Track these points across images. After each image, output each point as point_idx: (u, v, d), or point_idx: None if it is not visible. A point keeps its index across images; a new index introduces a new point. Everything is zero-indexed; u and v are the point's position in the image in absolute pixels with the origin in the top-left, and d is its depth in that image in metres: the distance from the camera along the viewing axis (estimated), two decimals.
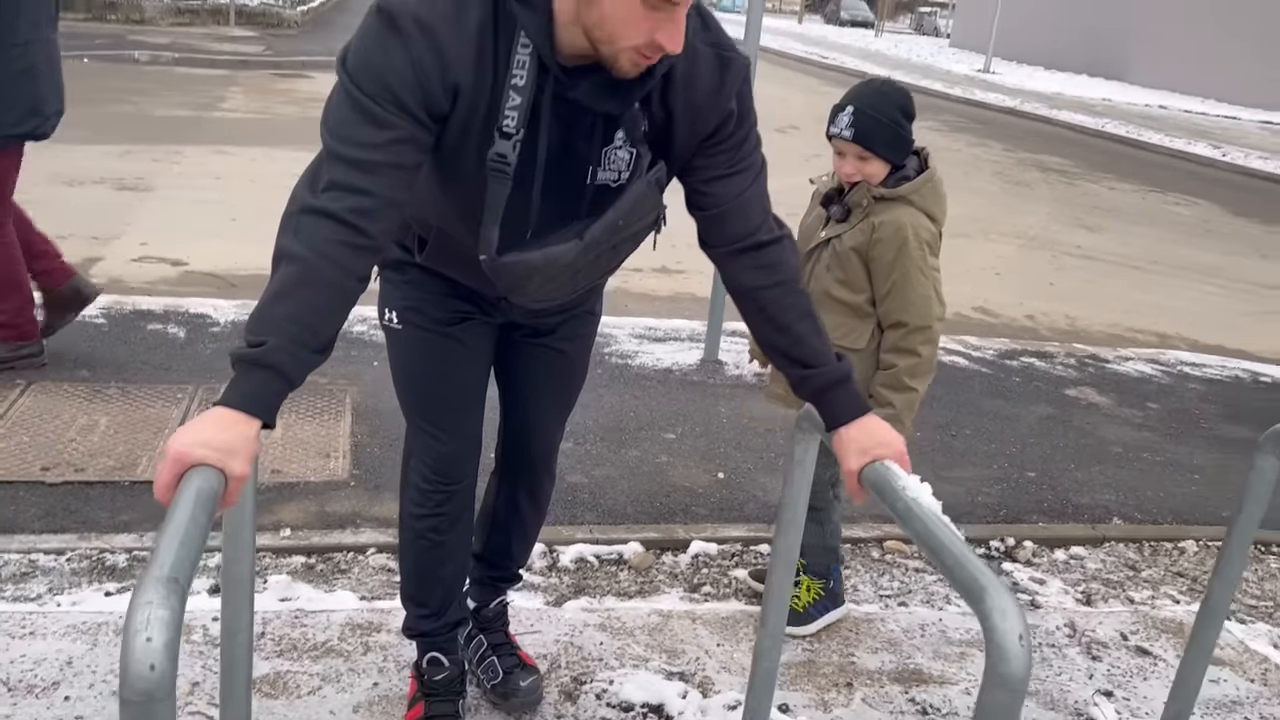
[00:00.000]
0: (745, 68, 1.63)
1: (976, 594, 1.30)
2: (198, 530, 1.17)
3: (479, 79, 1.49)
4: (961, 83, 21.23)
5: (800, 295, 1.70)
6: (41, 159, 7.18)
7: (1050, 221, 9.24)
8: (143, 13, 16.20)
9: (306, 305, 1.38)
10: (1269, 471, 2.11)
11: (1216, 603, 2.18)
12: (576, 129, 1.58)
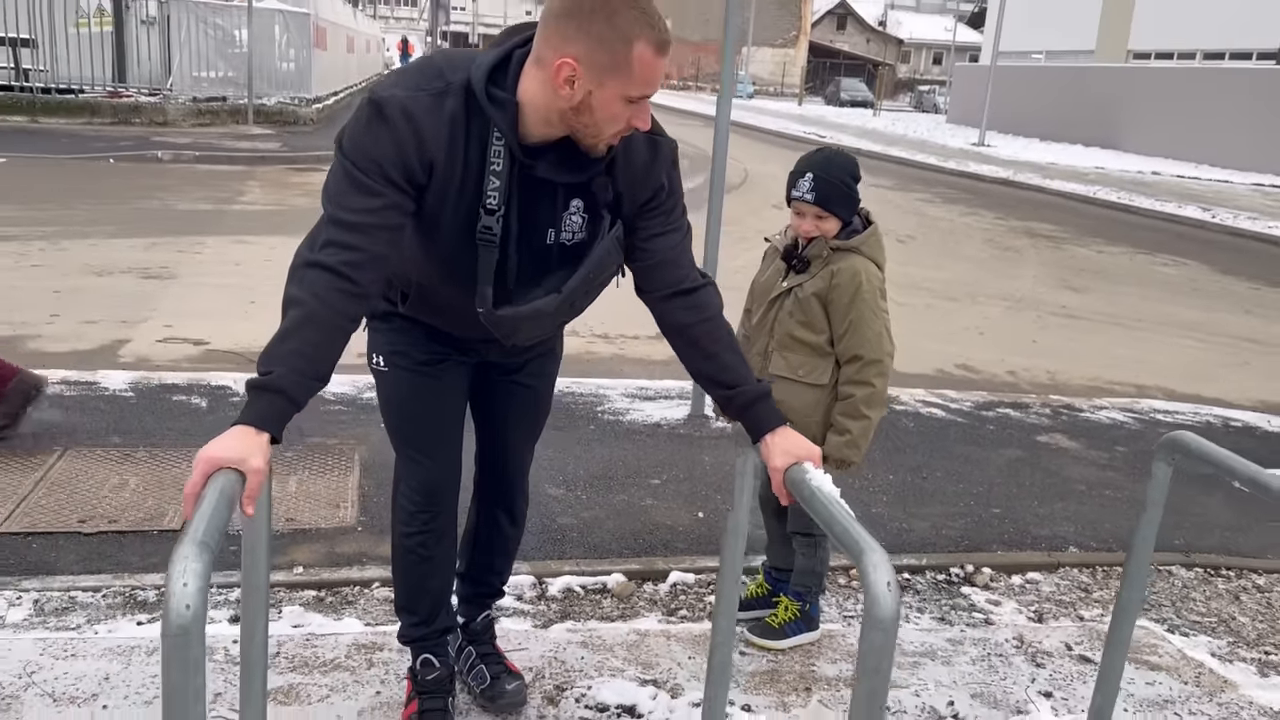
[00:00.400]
0: (673, 149, 1.99)
1: (857, 552, 1.60)
2: (223, 510, 1.48)
3: (450, 158, 1.83)
4: (956, 156, 21.83)
5: (723, 329, 2.02)
6: (73, 252, 7.68)
7: (1036, 284, 9.56)
8: (165, 115, 16.96)
9: (308, 342, 1.69)
10: (1163, 477, 2.38)
11: (1128, 601, 2.43)
12: (542, 200, 1.92)
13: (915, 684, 2.73)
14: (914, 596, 3.31)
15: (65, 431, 4.14)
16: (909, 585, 3.38)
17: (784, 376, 2.72)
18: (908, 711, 2.60)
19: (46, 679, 2.44)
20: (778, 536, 2.96)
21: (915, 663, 2.83)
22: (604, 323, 6.50)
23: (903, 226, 12.55)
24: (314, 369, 1.70)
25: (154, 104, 17.12)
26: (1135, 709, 2.69)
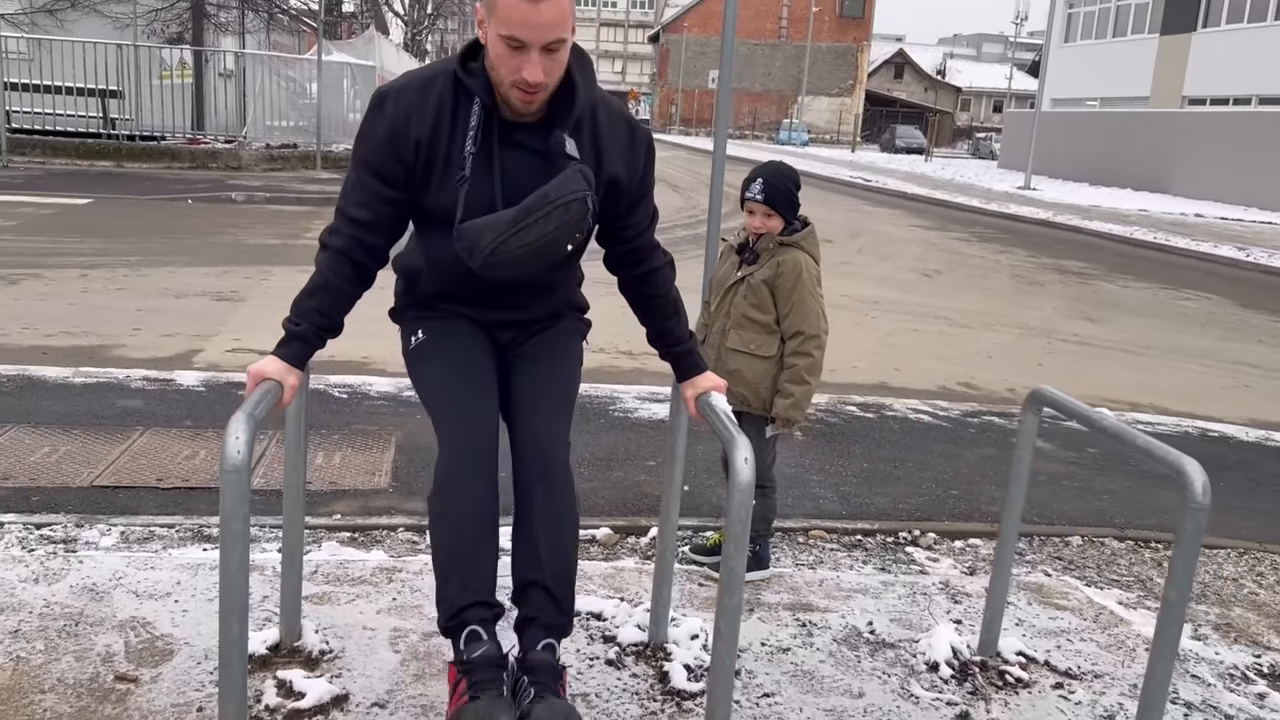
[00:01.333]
0: (648, 137, 2.41)
1: (730, 444, 2.14)
2: (267, 400, 2.10)
3: (437, 131, 2.23)
4: (1000, 199, 22.18)
5: (674, 301, 2.52)
6: (153, 278, 8.50)
7: (1054, 315, 9.93)
8: (240, 160, 18.10)
9: (323, 304, 2.27)
10: (1030, 426, 2.88)
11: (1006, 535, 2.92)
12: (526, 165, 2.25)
13: (844, 610, 3.21)
14: (861, 553, 3.80)
15: (146, 415, 4.82)
16: (859, 545, 3.87)
17: (739, 350, 3.28)
18: (832, 628, 3.09)
19: (130, 583, 3.05)
20: None
21: (848, 596, 3.32)
22: (629, 340, 7.07)
23: (932, 262, 13.00)
24: (328, 323, 2.28)
25: (229, 150, 18.29)
26: (1034, 636, 3.15)
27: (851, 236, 15.25)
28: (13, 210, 11.76)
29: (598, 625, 2.96)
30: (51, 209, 12.20)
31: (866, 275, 11.48)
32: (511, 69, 2.09)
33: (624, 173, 2.32)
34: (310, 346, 2.26)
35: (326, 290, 2.27)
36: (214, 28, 19.56)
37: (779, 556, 3.66)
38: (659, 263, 2.50)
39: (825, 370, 7.16)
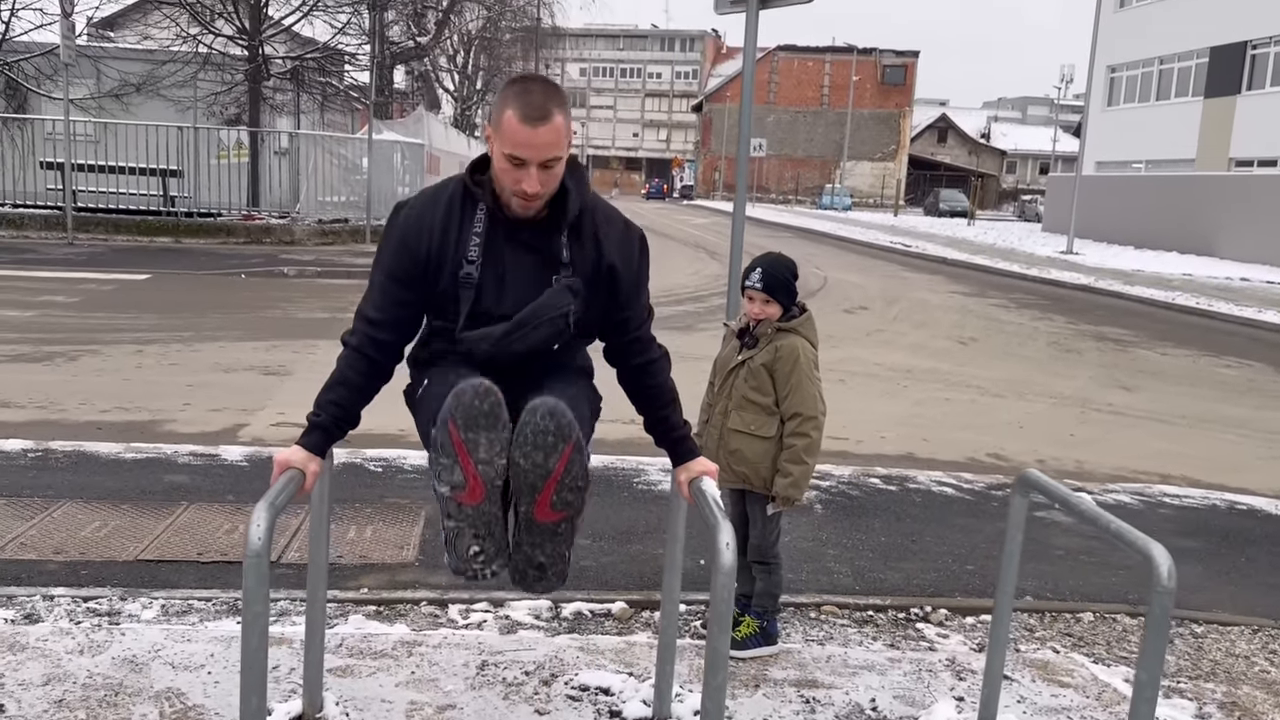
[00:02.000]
0: (642, 235, 2.61)
1: (714, 528, 2.28)
2: (289, 489, 2.29)
3: (445, 236, 2.45)
4: (1041, 264, 22.15)
5: (668, 392, 2.69)
6: (205, 353, 8.86)
7: (1089, 384, 9.92)
8: (293, 235, 18.73)
9: (342, 398, 2.47)
10: (1020, 508, 2.98)
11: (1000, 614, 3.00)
12: (525, 260, 2.46)
13: (848, 687, 3.30)
14: (872, 628, 3.88)
15: (191, 490, 5.06)
16: (870, 620, 3.95)
17: (740, 431, 3.43)
18: (835, 705, 3.18)
19: (168, 655, 3.24)
20: (741, 565, 3.60)
21: (854, 672, 3.41)
22: None
23: (969, 330, 13.04)
24: (345, 414, 2.49)
25: (283, 225, 18.94)
26: (1034, 714, 3.21)
27: (888, 303, 15.35)
28: (76, 286, 12.31)
29: (604, 700, 3.08)
30: (111, 284, 12.74)
31: (901, 343, 11.56)
32: (513, 180, 2.34)
33: (621, 264, 2.52)
34: (330, 436, 2.47)
35: (344, 385, 2.48)
36: (270, 109, 20.38)
37: (789, 632, 3.76)
38: (656, 354, 2.66)
39: (852, 441, 7.30)
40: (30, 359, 8.22)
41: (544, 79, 2.44)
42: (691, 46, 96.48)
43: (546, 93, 2.34)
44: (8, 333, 9.20)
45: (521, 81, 2.39)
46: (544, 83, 2.40)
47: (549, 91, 2.35)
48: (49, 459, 5.41)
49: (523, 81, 2.39)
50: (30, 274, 13.37)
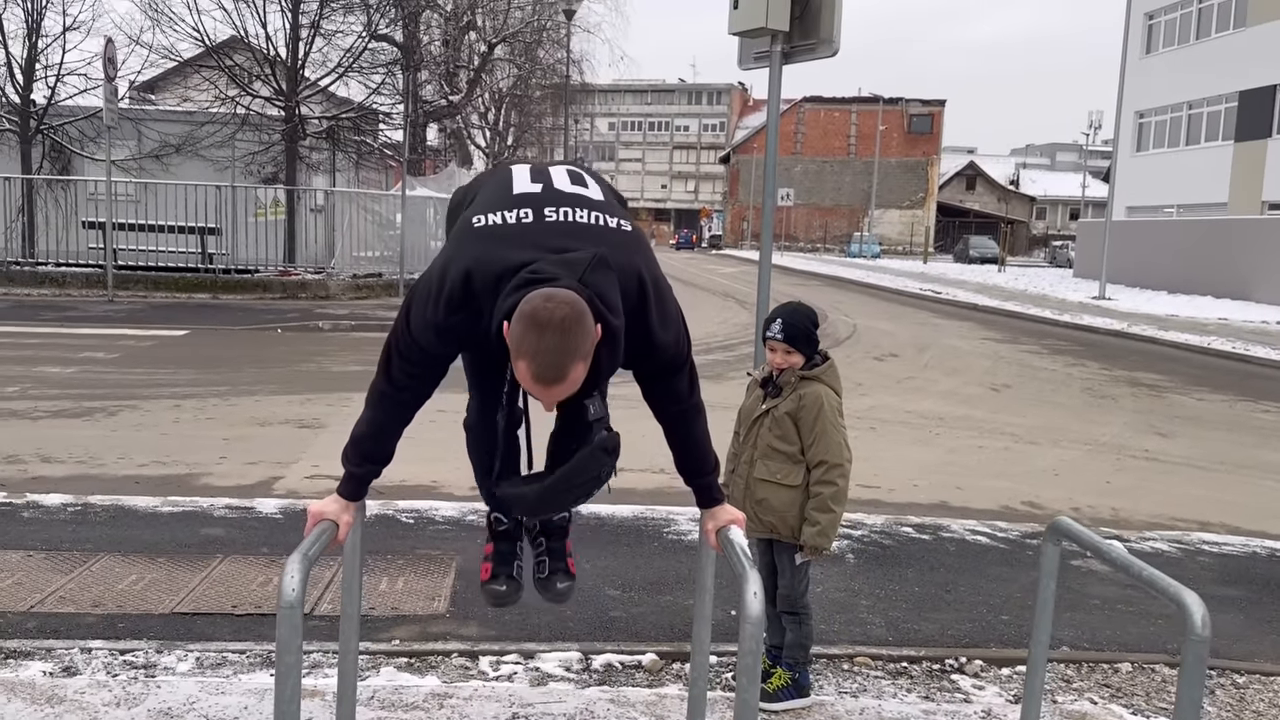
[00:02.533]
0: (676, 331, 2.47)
1: (741, 578, 2.29)
2: (323, 540, 2.33)
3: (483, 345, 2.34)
4: (1073, 309, 22.01)
5: (696, 438, 2.68)
6: (241, 407, 8.98)
7: (1125, 430, 9.81)
8: (328, 290, 19.02)
9: (370, 448, 2.52)
10: (1051, 555, 2.96)
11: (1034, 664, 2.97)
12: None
13: None
14: (906, 680, 3.84)
15: (226, 543, 5.12)
16: (904, 672, 3.90)
17: (766, 480, 3.44)
18: None
19: (203, 707, 3.27)
20: (771, 616, 3.59)
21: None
22: None
23: (1001, 376, 12.96)
24: (378, 456, 2.55)
25: (318, 280, 19.24)
26: None
27: (919, 350, 15.29)
28: (116, 343, 12.55)
29: None
30: (150, 340, 12.98)
31: (932, 390, 11.50)
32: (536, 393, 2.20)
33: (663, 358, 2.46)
34: (364, 483, 2.54)
35: (372, 437, 2.53)
36: (306, 167, 20.81)
37: (822, 685, 3.73)
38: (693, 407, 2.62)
39: (884, 489, 7.25)
40: (71, 414, 8.37)
41: (562, 326, 2.08)
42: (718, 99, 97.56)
43: (561, 349, 2.08)
44: (49, 389, 9.39)
45: (537, 331, 2.08)
46: (560, 334, 2.08)
47: (564, 347, 2.09)
48: (88, 513, 5.50)
49: (538, 332, 2.08)
50: (72, 331, 13.66)
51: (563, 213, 2.33)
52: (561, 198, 2.38)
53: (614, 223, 2.37)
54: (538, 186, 2.41)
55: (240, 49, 19.90)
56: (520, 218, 2.31)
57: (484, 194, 2.49)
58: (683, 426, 2.62)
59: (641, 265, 2.34)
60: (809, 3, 5.02)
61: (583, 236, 2.29)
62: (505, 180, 2.50)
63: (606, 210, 2.40)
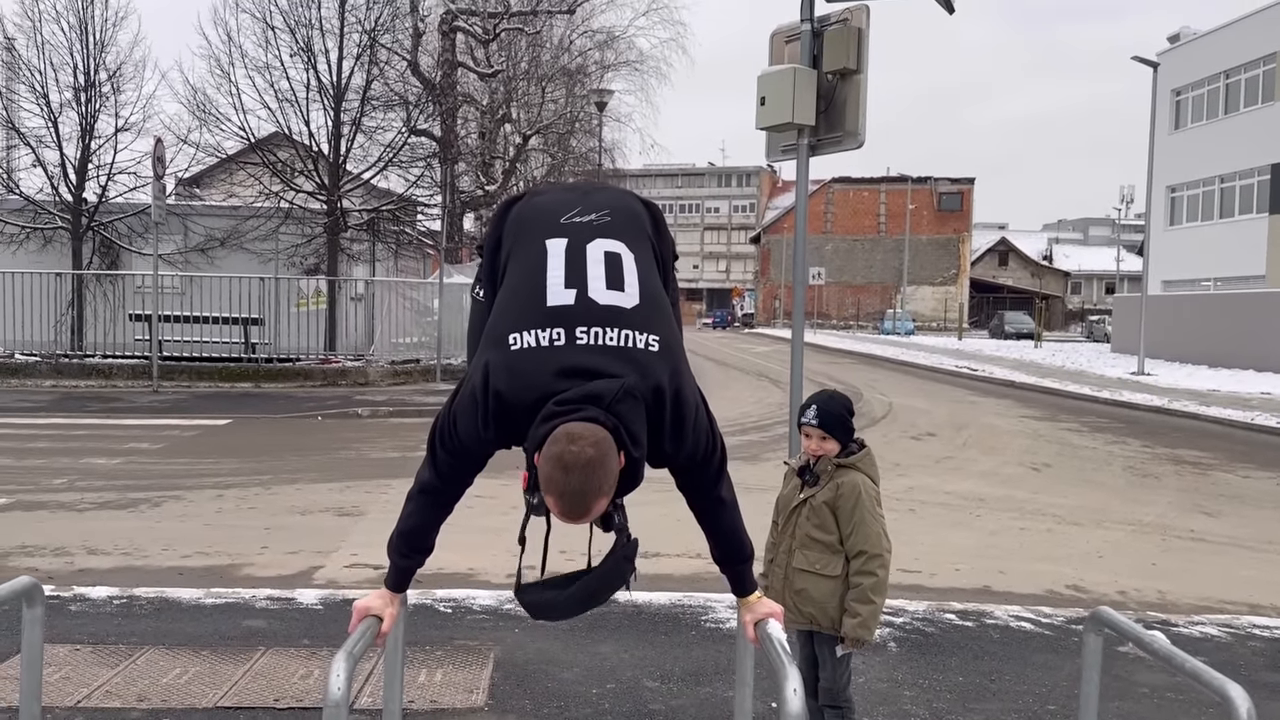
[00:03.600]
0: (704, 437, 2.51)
1: (780, 674, 2.30)
2: (367, 636, 2.39)
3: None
4: (1112, 385, 21.78)
5: (726, 532, 2.69)
6: (282, 496, 9.10)
7: (1169, 509, 9.64)
8: (367, 376, 19.30)
9: (413, 541, 2.59)
10: (1094, 646, 2.93)
11: None
12: None
13: None
14: None
15: (268, 635, 5.16)
16: None
17: (805, 570, 3.45)
18: None
19: None
20: (813, 709, 3.56)
21: None
22: None
23: (1041, 455, 12.82)
24: (419, 553, 2.62)
25: (358, 367, 19.54)
26: None
27: (956, 430, 15.19)
28: (160, 433, 12.79)
29: None
30: (194, 430, 13.22)
31: (971, 470, 11.41)
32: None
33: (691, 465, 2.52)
34: (409, 574, 2.61)
35: (414, 531, 2.60)
36: (347, 257, 21.31)
37: None
38: (725, 498, 2.64)
39: (925, 574, 7.17)
40: (117, 505, 8.52)
41: (587, 468, 2.18)
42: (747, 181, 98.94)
43: (585, 485, 2.19)
44: (96, 480, 9.57)
45: (564, 472, 2.19)
46: (585, 475, 2.19)
47: (588, 488, 2.20)
48: (133, 606, 5.57)
49: (565, 473, 2.19)
50: (118, 421, 13.94)
51: (594, 334, 2.39)
52: (593, 315, 2.42)
53: (643, 341, 2.41)
54: (571, 295, 2.44)
55: (284, 144, 20.58)
56: (553, 339, 2.38)
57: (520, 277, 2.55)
58: (713, 516, 2.65)
59: (665, 383, 2.39)
60: (834, 98, 5.17)
61: (612, 358, 2.37)
62: (540, 276, 2.50)
63: (638, 325, 2.43)
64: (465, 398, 2.47)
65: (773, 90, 5.22)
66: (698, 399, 2.49)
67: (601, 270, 2.50)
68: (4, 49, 19.69)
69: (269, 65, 19.58)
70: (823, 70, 5.20)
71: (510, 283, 2.57)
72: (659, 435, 2.41)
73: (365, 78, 20.37)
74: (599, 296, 2.45)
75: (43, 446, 11.61)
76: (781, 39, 5.57)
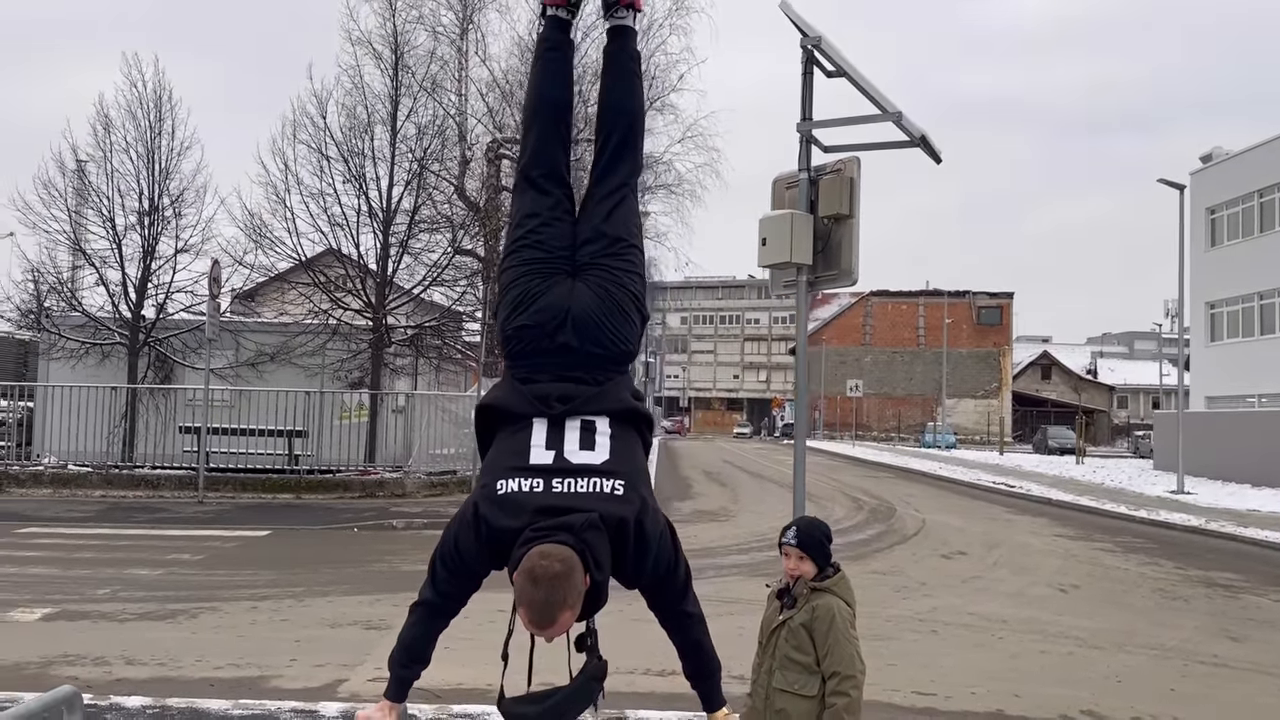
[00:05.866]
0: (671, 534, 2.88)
1: None
2: None
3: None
4: (1150, 504, 21.55)
5: (695, 642, 2.96)
6: (314, 608, 9.38)
7: (1195, 633, 9.57)
8: (404, 488, 19.68)
9: (413, 651, 2.89)
10: None
11: None
12: None
13: None
14: None
15: None
16: None
17: (784, 690, 3.67)
18: None
19: None
20: None
21: None
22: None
23: (1071, 576, 12.75)
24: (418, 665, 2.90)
25: (395, 479, 19.94)
26: None
27: (988, 548, 15.13)
28: (202, 544, 13.18)
29: None
30: (235, 541, 13.60)
31: (998, 590, 11.40)
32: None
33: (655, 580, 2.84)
34: (407, 684, 2.90)
35: (414, 643, 2.90)
36: (390, 371, 21.96)
37: None
38: (691, 613, 2.93)
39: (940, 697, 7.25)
40: (156, 616, 8.85)
41: (553, 581, 2.50)
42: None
43: (550, 596, 2.50)
44: (137, 590, 9.93)
45: (532, 584, 2.50)
46: (550, 588, 2.50)
47: (552, 600, 2.50)
48: (165, 716, 5.85)
49: (533, 585, 2.50)
50: (161, 532, 14.37)
51: (568, 484, 2.77)
52: (567, 471, 2.79)
53: (609, 487, 2.77)
54: (550, 456, 2.82)
55: (334, 263, 21.49)
56: (533, 487, 2.77)
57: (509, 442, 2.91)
58: (681, 631, 2.94)
59: (629, 517, 2.74)
60: (830, 240, 5.57)
61: (583, 500, 2.74)
62: (525, 441, 2.87)
63: (605, 475, 2.79)
64: (459, 524, 2.84)
65: (773, 232, 5.63)
66: (662, 528, 2.84)
67: (577, 435, 2.87)
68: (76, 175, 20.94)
69: (323, 192, 20.63)
70: (819, 215, 5.61)
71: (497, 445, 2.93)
72: (623, 559, 2.75)
73: (414, 202, 21.35)
74: (573, 456, 2.83)
75: (89, 556, 12.03)
76: (782, 185, 6.01)
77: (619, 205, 3.10)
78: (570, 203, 3.14)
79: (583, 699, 2.72)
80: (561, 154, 3.15)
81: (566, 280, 3.00)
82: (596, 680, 2.73)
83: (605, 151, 3.15)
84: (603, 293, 2.98)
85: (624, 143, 3.17)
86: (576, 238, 3.06)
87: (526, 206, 3.12)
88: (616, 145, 3.16)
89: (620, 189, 3.11)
